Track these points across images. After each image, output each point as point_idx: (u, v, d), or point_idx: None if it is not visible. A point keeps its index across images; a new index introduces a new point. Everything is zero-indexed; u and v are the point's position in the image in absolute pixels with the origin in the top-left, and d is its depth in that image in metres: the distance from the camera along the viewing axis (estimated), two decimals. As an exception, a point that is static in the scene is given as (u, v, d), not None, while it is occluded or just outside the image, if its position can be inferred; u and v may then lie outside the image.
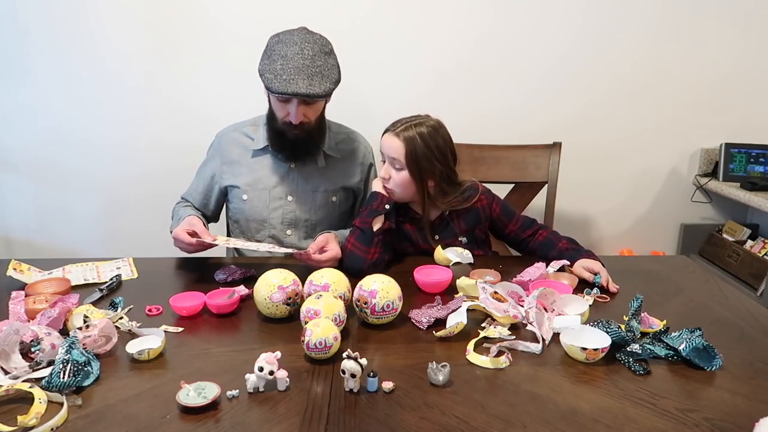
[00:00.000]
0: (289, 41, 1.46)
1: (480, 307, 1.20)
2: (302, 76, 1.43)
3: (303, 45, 1.46)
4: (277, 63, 1.44)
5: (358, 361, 0.93)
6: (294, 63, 1.44)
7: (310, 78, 1.44)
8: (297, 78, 1.43)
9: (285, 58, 1.44)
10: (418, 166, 1.47)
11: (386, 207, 1.50)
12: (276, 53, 1.46)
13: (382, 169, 1.53)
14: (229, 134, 1.69)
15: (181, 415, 0.88)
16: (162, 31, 2.16)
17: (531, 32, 2.25)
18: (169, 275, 1.49)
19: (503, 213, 1.61)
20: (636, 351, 1.04)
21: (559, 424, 0.87)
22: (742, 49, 2.32)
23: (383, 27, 2.21)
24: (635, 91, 2.34)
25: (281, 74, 1.43)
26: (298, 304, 1.19)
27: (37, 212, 2.34)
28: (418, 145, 1.46)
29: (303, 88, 1.43)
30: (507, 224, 1.61)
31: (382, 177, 1.53)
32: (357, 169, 1.72)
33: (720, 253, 2.38)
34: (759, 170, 2.35)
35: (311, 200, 1.66)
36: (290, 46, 1.46)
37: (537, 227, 1.61)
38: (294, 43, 1.46)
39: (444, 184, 1.53)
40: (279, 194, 1.64)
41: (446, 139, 1.51)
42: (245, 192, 1.65)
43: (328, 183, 1.67)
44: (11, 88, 2.18)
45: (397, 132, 1.48)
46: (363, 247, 1.46)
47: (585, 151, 2.36)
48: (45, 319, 1.09)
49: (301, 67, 1.44)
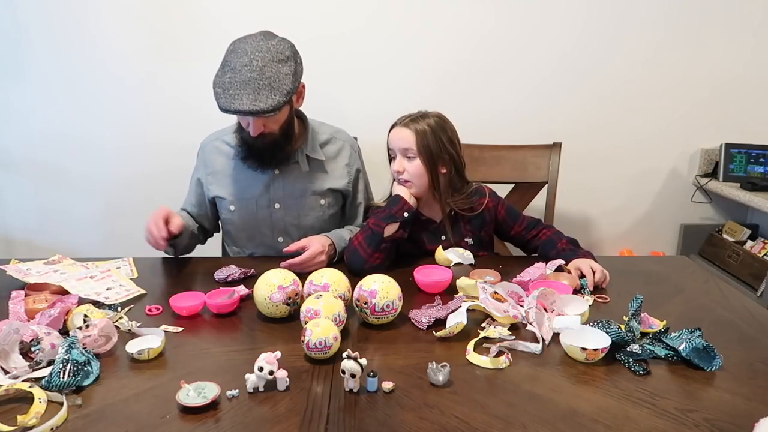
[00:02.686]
0: (241, 50, 1.40)
1: (480, 307, 1.20)
2: (248, 91, 1.36)
3: (253, 55, 1.38)
4: (227, 75, 1.39)
5: (358, 361, 0.93)
6: (241, 76, 1.37)
7: (256, 92, 1.36)
8: (242, 93, 1.36)
9: (234, 70, 1.38)
10: (430, 151, 1.49)
11: (405, 215, 1.49)
12: (228, 64, 1.40)
13: (395, 164, 1.52)
14: (210, 143, 1.66)
15: (180, 414, 0.88)
16: (162, 31, 2.16)
17: (532, 34, 2.25)
18: (169, 275, 1.49)
19: (509, 215, 1.62)
20: (636, 351, 1.04)
21: (559, 424, 0.87)
22: (742, 50, 2.32)
23: (384, 29, 2.20)
24: (635, 92, 2.34)
25: (228, 89, 1.37)
26: (298, 304, 1.19)
27: (37, 212, 2.34)
28: (428, 132, 1.49)
29: (247, 105, 1.36)
30: (512, 226, 1.62)
31: (396, 171, 1.53)
32: (344, 171, 1.67)
33: (720, 253, 2.38)
34: (759, 170, 2.35)
35: (299, 205, 1.62)
36: (241, 56, 1.39)
37: (541, 227, 1.61)
38: (245, 52, 1.39)
39: (454, 173, 1.55)
40: (265, 203, 1.61)
41: (452, 128, 1.55)
42: (231, 203, 1.61)
43: (315, 186, 1.63)
44: (11, 88, 2.19)
45: (405, 123, 1.51)
46: (369, 249, 1.45)
47: (585, 151, 2.36)
48: (45, 319, 1.09)
49: (247, 81, 1.37)
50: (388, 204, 1.52)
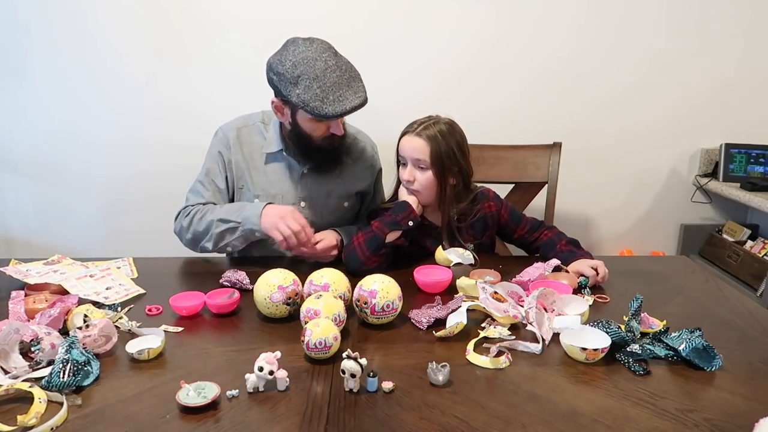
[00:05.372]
0: (307, 60, 1.36)
1: (480, 307, 1.20)
2: (344, 89, 1.36)
3: (320, 57, 1.36)
4: (315, 86, 1.35)
5: (358, 361, 0.93)
6: (329, 79, 1.35)
7: (350, 87, 1.36)
8: (342, 93, 1.35)
9: (317, 79, 1.35)
10: (442, 163, 1.47)
11: (410, 224, 1.48)
12: (303, 77, 1.35)
13: (405, 172, 1.50)
14: (240, 130, 1.61)
15: (180, 414, 0.88)
16: (162, 31, 2.16)
17: (532, 34, 2.25)
18: (169, 275, 1.49)
19: (511, 219, 1.62)
20: (636, 351, 1.04)
21: (559, 424, 0.87)
22: (742, 50, 2.32)
23: (384, 29, 2.20)
24: (636, 92, 2.34)
25: (327, 96, 1.35)
26: (298, 304, 1.19)
27: (37, 212, 2.34)
28: (441, 143, 1.46)
29: (353, 101, 1.36)
30: (515, 229, 1.62)
31: (406, 180, 1.50)
32: (367, 172, 1.69)
33: (720, 253, 2.38)
34: (759, 170, 2.35)
35: (324, 206, 1.62)
36: (312, 64, 1.35)
37: (543, 229, 1.61)
38: (313, 59, 1.36)
39: (462, 183, 1.54)
40: (292, 200, 1.60)
41: (462, 135, 1.53)
42: (257, 197, 1.59)
43: (341, 188, 1.64)
44: (11, 88, 2.19)
45: (418, 132, 1.47)
46: (367, 252, 1.44)
47: (585, 151, 2.36)
48: (45, 319, 1.09)
49: (337, 81, 1.36)
50: (394, 209, 1.51)
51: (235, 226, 1.48)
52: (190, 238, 1.56)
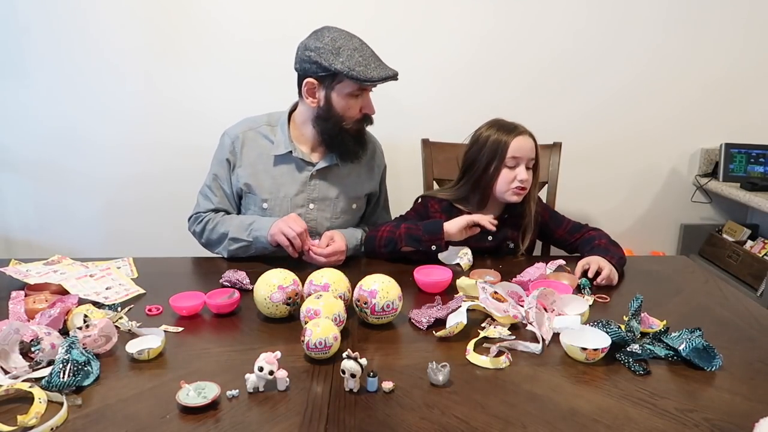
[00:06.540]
0: (343, 36, 1.45)
1: (480, 307, 1.20)
2: (379, 62, 1.46)
3: (351, 35, 1.46)
4: (357, 54, 1.43)
5: (358, 361, 0.93)
6: (366, 52, 1.45)
7: (381, 59, 1.47)
8: (380, 63, 1.46)
9: (357, 49, 1.44)
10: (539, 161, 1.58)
11: (432, 248, 1.49)
12: (344, 48, 1.43)
13: (521, 172, 1.53)
14: (245, 134, 1.60)
15: (180, 414, 0.88)
16: (162, 31, 2.16)
17: (531, 33, 2.25)
18: (169, 275, 1.49)
19: (551, 220, 1.68)
20: (636, 351, 1.04)
21: (559, 424, 0.87)
22: (742, 50, 2.32)
23: (384, 29, 2.20)
24: (635, 92, 2.34)
25: (369, 63, 1.43)
26: (298, 304, 1.19)
27: (37, 212, 2.34)
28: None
29: (391, 70, 1.46)
30: (555, 230, 1.68)
31: (524, 180, 1.53)
32: (375, 172, 1.70)
33: (720, 253, 2.38)
34: (759, 170, 2.35)
35: (332, 208, 1.63)
36: (348, 39, 1.45)
37: (586, 230, 1.65)
38: (348, 36, 1.45)
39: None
40: (300, 202, 1.60)
41: None
42: (266, 201, 1.58)
43: (349, 190, 1.64)
44: (11, 88, 2.19)
45: (525, 132, 1.56)
46: (383, 248, 1.53)
47: (585, 151, 2.36)
48: (45, 319, 1.09)
49: (373, 54, 1.46)
50: (426, 226, 1.51)
51: (247, 245, 1.52)
52: (204, 243, 1.62)
